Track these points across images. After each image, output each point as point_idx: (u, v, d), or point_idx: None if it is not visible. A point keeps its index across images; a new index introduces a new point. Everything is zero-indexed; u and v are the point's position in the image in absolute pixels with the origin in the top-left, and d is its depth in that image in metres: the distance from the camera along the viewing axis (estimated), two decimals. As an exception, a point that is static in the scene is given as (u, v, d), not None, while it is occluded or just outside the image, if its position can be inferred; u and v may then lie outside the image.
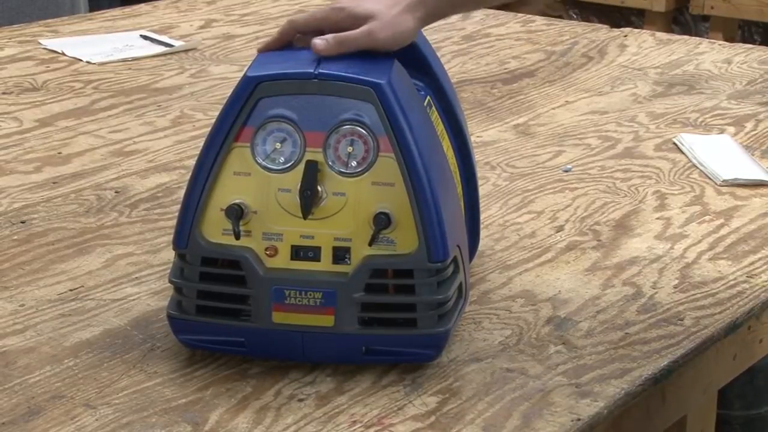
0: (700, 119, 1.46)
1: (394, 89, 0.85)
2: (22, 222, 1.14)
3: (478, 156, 1.10)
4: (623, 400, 0.86)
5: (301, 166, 0.85)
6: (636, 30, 1.90)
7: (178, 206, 0.88)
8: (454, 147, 0.97)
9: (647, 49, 1.75)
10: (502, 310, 0.97)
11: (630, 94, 1.55)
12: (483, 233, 1.07)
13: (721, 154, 1.32)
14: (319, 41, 0.87)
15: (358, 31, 0.88)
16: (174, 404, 0.84)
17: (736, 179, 1.25)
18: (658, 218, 1.17)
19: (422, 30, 0.99)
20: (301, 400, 0.84)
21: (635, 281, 1.03)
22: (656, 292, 1.01)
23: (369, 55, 0.87)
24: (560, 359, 0.90)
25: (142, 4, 1.96)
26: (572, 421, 0.82)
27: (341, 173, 0.85)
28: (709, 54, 1.73)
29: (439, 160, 0.88)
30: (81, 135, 1.37)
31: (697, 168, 1.30)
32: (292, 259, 0.85)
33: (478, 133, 1.38)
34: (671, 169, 1.30)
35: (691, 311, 0.98)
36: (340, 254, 0.85)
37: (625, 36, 1.82)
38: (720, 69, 1.66)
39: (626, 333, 0.95)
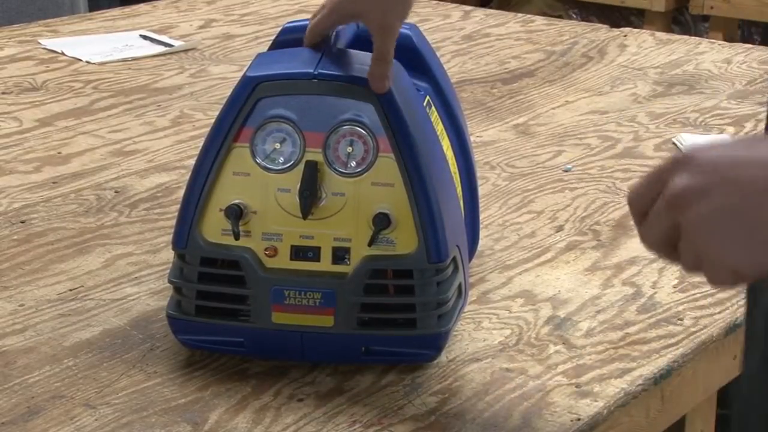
0: (699, 119, 1.46)
1: (394, 89, 0.84)
2: (22, 222, 1.14)
3: (477, 156, 1.10)
4: (623, 400, 0.86)
5: (301, 167, 0.84)
6: (636, 30, 1.90)
7: (178, 206, 0.88)
8: (454, 147, 0.97)
9: (647, 48, 1.75)
10: (502, 310, 0.97)
11: (630, 93, 1.55)
12: (483, 233, 1.07)
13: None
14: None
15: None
16: (174, 404, 0.84)
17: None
18: (657, 218, 1.16)
19: (421, 29, 0.99)
20: (300, 400, 0.84)
21: (635, 281, 1.03)
22: (656, 292, 1.01)
23: (368, 54, 0.87)
24: (560, 359, 0.90)
25: (142, 4, 1.96)
26: (572, 421, 0.82)
27: (341, 173, 0.85)
28: (709, 54, 1.73)
29: (438, 160, 0.88)
30: (81, 135, 1.37)
31: (697, 168, 1.29)
32: (291, 259, 0.85)
33: (477, 133, 1.38)
34: (671, 169, 1.29)
35: (691, 311, 0.98)
36: (340, 254, 0.85)
37: (625, 36, 1.82)
38: (720, 69, 1.66)
39: (626, 333, 0.94)
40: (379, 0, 0.85)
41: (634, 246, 1.10)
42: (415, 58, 0.95)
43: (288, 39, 0.93)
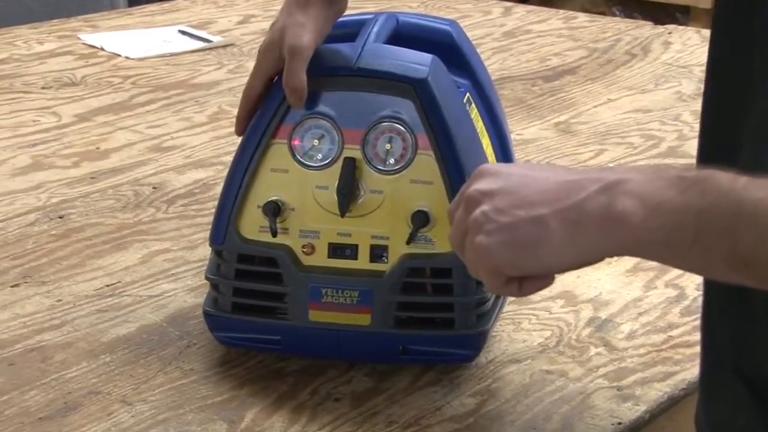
0: (746, 118, 1.44)
1: (434, 86, 0.84)
2: (60, 217, 1.14)
3: (518, 154, 1.09)
4: (666, 404, 0.85)
5: (339, 163, 0.84)
6: (680, 27, 1.88)
7: (215, 202, 0.88)
8: (494, 144, 0.96)
9: (692, 46, 1.73)
10: (542, 311, 0.97)
11: (674, 92, 1.53)
12: (523, 232, 1.06)
13: None
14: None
15: None
16: (210, 402, 0.84)
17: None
18: (702, 219, 1.15)
19: (462, 26, 0.99)
20: (337, 400, 0.84)
21: (678, 283, 1.02)
22: (700, 294, 0.99)
23: (408, 50, 0.87)
24: (601, 361, 0.89)
25: (181, 0, 1.97)
26: (613, 425, 0.81)
27: (379, 171, 0.84)
28: (756, 51, 1.70)
29: (478, 157, 0.88)
30: (119, 130, 1.38)
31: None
32: (329, 257, 0.85)
33: (518, 130, 1.37)
34: (716, 168, 1.28)
35: (736, 314, 0.96)
36: (378, 252, 0.85)
37: (670, 33, 1.80)
38: (767, 67, 1.64)
39: (669, 336, 0.93)
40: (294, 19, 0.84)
41: (677, 247, 1.08)
42: (455, 54, 0.95)
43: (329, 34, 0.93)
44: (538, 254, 0.64)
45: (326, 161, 0.85)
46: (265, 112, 0.86)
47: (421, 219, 0.83)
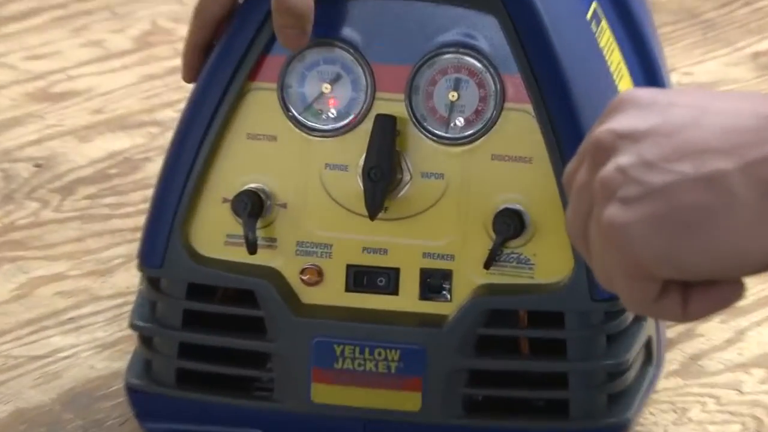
0: None
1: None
2: None
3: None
4: None
5: (368, 126, 0.86)
6: None
7: (147, 193, 0.90)
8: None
9: None
10: (726, 389, 0.97)
11: None
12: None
13: None
14: None
15: None
16: None
17: None
18: None
19: None
20: None
21: None
22: None
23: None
24: (829, 479, 0.90)
25: None
26: None
27: (438, 139, 0.86)
28: None
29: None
30: (-24, 64, 1.40)
31: None
32: (348, 290, 0.87)
33: (686, 66, 1.39)
34: None
35: None
36: (435, 283, 0.86)
37: None
38: None
39: None
40: None
41: None
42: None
43: None
44: (712, 240, 0.63)
45: (345, 121, 0.87)
46: (236, 36, 0.87)
47: (510, 224, 0.85)
